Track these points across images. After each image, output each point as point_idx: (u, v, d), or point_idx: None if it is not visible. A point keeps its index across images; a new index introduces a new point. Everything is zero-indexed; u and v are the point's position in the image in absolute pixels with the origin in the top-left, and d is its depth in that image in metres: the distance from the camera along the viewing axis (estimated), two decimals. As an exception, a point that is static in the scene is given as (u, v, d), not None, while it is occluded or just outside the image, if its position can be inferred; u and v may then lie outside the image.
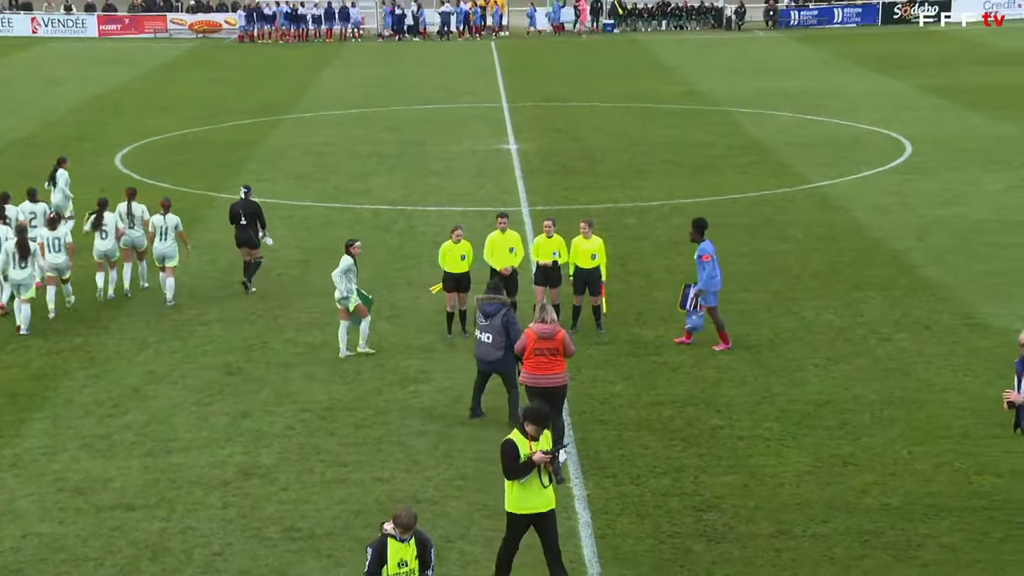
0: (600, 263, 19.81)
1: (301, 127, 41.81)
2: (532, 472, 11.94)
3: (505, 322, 15.97)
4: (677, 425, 16.28)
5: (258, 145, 38.12)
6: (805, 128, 39.59)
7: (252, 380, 18.27)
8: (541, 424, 12.03)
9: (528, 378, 15.03)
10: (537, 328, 15.01)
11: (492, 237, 20.13)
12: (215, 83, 52.28)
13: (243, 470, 15.12)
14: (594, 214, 27.24)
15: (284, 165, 34.93)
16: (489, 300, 16.22)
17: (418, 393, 17.60)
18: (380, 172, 33.87)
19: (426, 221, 28.13)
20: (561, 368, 15.00)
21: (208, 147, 37.26)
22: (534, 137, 38.90)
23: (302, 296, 22.51)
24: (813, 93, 46.42)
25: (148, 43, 67.79)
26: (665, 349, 19.28)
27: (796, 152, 35.53)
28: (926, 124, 39.51)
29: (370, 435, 16.12)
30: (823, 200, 29.51)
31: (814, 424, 16.26)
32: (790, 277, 23.20)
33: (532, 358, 14.92)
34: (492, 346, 16.03)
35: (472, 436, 15.95)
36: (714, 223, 27.37)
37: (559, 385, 15.01)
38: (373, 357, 19.09)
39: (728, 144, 37.01)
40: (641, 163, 34.49)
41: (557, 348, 14.90)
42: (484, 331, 16.09)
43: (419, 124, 41.97)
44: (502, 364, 16.03)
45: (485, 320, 16.07)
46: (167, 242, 21.89)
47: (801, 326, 20.34)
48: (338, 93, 49.31)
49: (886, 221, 27.35)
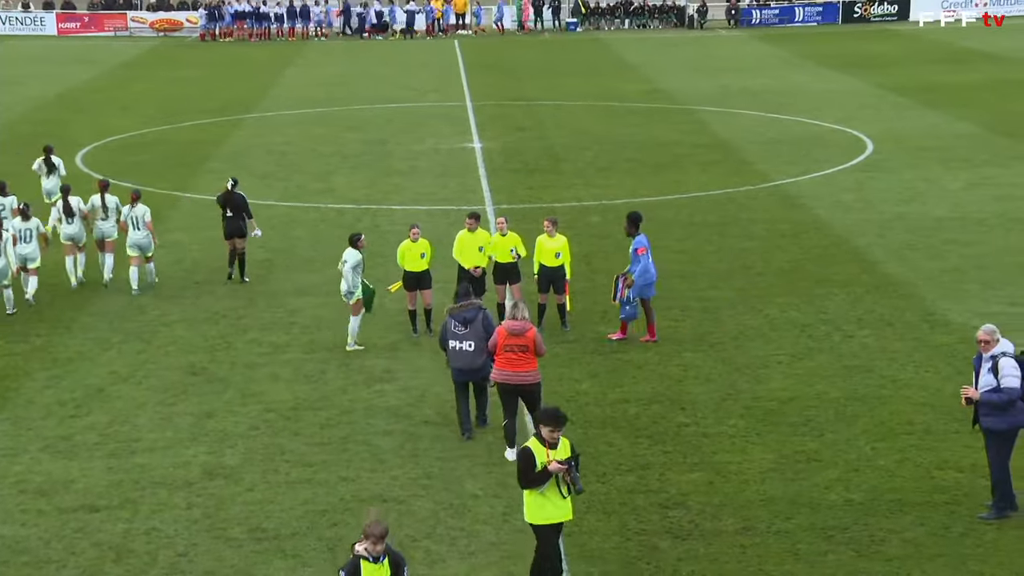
0: (564, 261, 19.85)
1: (263, 126, 41.64)
2: (550, 481, 11.34)
3: (485, 324, 15.43)
4: (642, 423, 16.33)
5: (220, 144, 37.93)
6: (768, 126, 39.80)
7: (216, 380, 18.19)
8: (556, 425, 11.31)
9: (499, 375, 15.02)
10: (508, 325, 14.99)
11: (461, 235, 20.15)
12: (176, 82, 51.97)
13: (207, 470, 15.06)
14: (558, 213, 27.29)
15: (246, 164, 34.76)
16: (464, 307, 15.63)
17: (383, 392, 17.58)
18: (343, 171, 33.79)
19: (390, 220, 28.09)
20: (532, 366, 14.96)
21: (169, 146, 37.05)
22: (498, 136, 38.91)
23: (266, 296, 22.43)
24: (776, 92, 46.67)
25: (108, 41, 67.32)
26: (630, 347, 19.35)
27: (759, 150, 35.71)
28: (886, 122, 39.81)
29: (335, 435, 16.09)
30: (786, 198, 29.68)
31: (778, 421, 16.36)
32: (754, 274, 23.32)
33: (502, 355, 14.94)
34: (475, 353, 15.39)
35: (437, 435, 15.95)
36: (679, 221, 27.72)
37: (530, 383, 14.97)
38: (338, 356, 19.06)
39: (692, 142, 37.15)
40: (605, 161, 34.57)
41: (527, 345, 14.88)
42: (464, 339, 15.42)
43: (382, 123, 41.89)
44: (483, 371, 15.46)
45: (464, 327, 15.44)
46: (140, 232, 22.47)
47: (765, 323, 20.45)
48: (300, 92, 49.13)
49: (848, 218, 27.54)
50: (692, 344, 19.49)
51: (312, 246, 25.91)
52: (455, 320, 15.54)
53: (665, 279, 23.14)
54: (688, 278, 23.14)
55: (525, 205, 28.97)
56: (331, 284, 23.09)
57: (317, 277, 23.57)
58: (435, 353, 19.08)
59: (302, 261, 24.79)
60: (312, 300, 22.12)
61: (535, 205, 29.05)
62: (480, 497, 14.22)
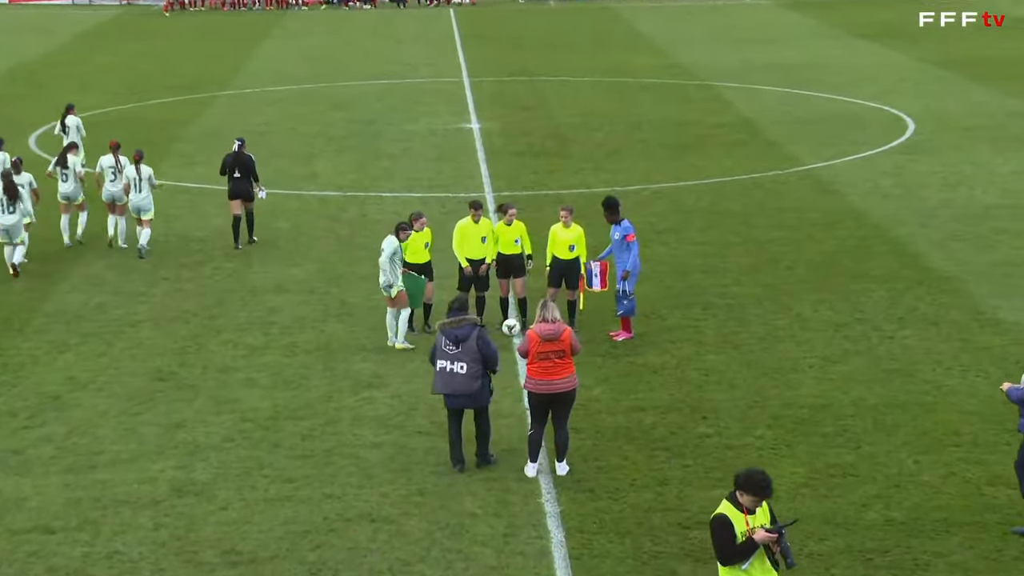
0: (579, 254, 19.87)
1: (238, 105, 41.59)
2: (755, 554, 10.27)
3: (480, 344, 14.89)
4: (660, 433, 16.29)
5: (190, 124, 37.89)
6: (797, 104, 39.75)
7: (186, 386, 18.16)
8: (763, 494, 10.20)
9: (533, 384, 14.89)
10: (541, 329, 14.83)
11: (463, 225, 20.13)
12: (142, 55, 51.94)
13: (176, 487, 15.01)
14: (566, 200, 27.25)
15: (219, 147, 34.66)
16: (458, 323, 14.98)
17: (372, 400, 17.54)
18: (327, 154, 33.76)
19: (379, 208, 28.06)
20: (570, 371, 14.92)
21: (135, 126, 37.01)
22: (498, 115, 38.86)
23: (242, 293, 22.41)
24: (805, 65, 46.64)
25: (66, 10, 67.31)
26: (646, 349, 19.30)
27: (788, 130, 35.65)
28: (929, 99, 39.76)
29: (319, 447, 16.05)
30: (818, 183, 29.63)
31: (810, 431, 16.31)
32: (783, 269, 23.28)
33: (536, 363, 14.84)
34: (469, 376, 14.82)
35: (431, 447, 15.90)
36: (699, 209, 27.69)
37: (568, 390, 14.93)
38: (322, 360, 19.02)
39: (713, 122, 37.10)
40: (617, 143, 34.52)
41: (564, 350, 14.83)
42: (456, 360, 14.85)
43: (370, 101, 41.86)
44: (480, 397, 14.98)
45: (456, 346, 14.87)
46: (142, 194, 24.02)
47: (796, 323, 20.41)
48: (279, 67, 49.10)
49: (887, 206, 27.49)
50: (715, 346, 19.44)
51: (293, 237, 25.88)
52: (446, 337, 14.94)
53: (685, 274, 23.09)
54: (710, 273, 23.10)
55: (528, 192, 28.92)
56: (314, 280, 23.05)
57: (299, 272, 23.54)
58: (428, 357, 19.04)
59: (282, 254, 24.76)
60: (293, 297, 22.09)
61: (539, 192, 29.00)
62: (479, 516, 14.18)
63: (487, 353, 14.90)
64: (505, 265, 20.10)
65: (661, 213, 27.32)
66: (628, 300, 19.63)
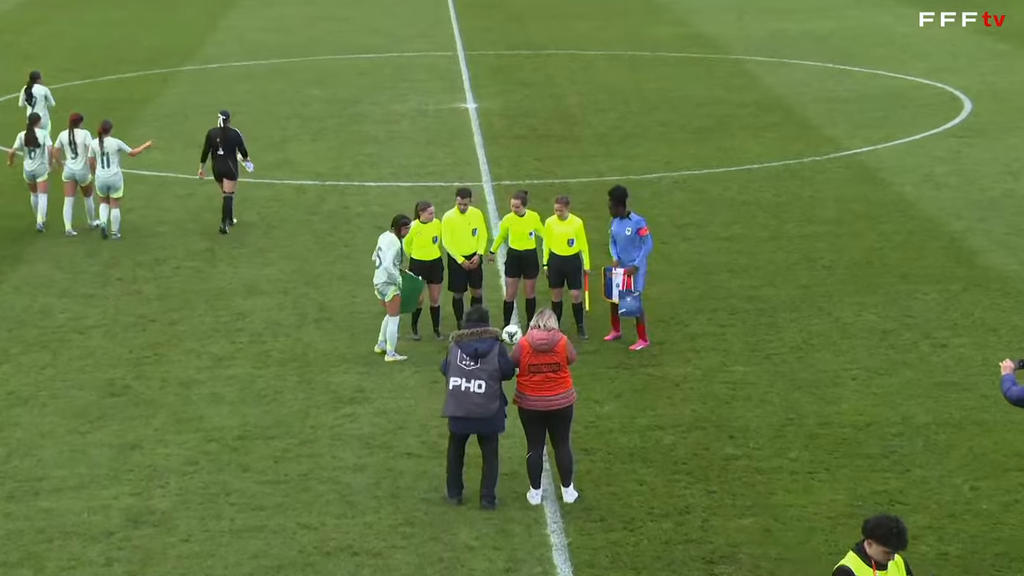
0: (579, 249, 19.89)
1: (203, 81, 41.60)
2: None
3: (501, 362, 14.72)
4: (680, 455, 16.29)
5: (147, 104, 37.90)
6: (837, 80, 39.75)
7: (143, 402, 18.16)
8: (896, 545, 9.80)
9: (525, 400, 14.87)
10: (533, 338, 14.78)
11: (450, 218, 20.20)
12: (93, 25, 51.95)
13: (132, 516, 15.01)
14: (574, 190, 27.26)
15: (181, 129, 34.72)
16: (477, 335, 14.76)
17: (354, 417, 17.55)
18: (303, 138, 33.75)
19: (363, 200, 28.06)
20: (566, 385, 14.88)
21: (85, 106, 36.88)
22: (498, 94, 38.85)
23: (206, 295, 22.41)
24: (846, 36, 46.64)
25: (7, -25, 67.35)
26: (665, 360, 19.31)
27: (826, 111, 35.64)
28: (988, 75, 39.75)
29: (294, 470, 16.05)
30: (862, 171, 29.63)
31: (852, 453, 16.31)
32: (821, 268, 23.28)
33: (527, 376, 14.81)
34: (487, 396, 14.65)
35: (421, 471, 15.90)
36: (725, 200, 27.69)
37: (564, 407, 14.91)
38: (297, 372, 19.03)
39: (741, 101, 37.09)
40: (632, 126, 34.51)
41: (559, 362, 14.81)
42: (473, 377, 14.63)
43: (352, 78, 41.86)
44: (495, 422, 14.80)
45: (474, 362, 14.65)
46: (111, 169, 24.56)
47: (835, 329, 20.40)
48: (249, 38, 49.12)
49: (940, 197, 27.49)
50: (743, 355, 19.45)
51: (265, 232, 25.89)
52: (462, 351, 14.75)
53: (709, 274, 23.10)
54: (738, 272, 23.10)
55: (532, 181, 28.92)
56: (288, 280, 23.06)
57: (272, 271, 23.55)
58: (421, 365, 19.03)
59: (252, 251, 24.77)
60: (265, 300, 22.10)
61: (544, 181, 29.01)
62: (476, 549, 14.18)
63: (507, 370, 14.80)
64: (517, 262, 20.13)
65: (682, 205, 27.33)
66: (633, 297, 19.66)
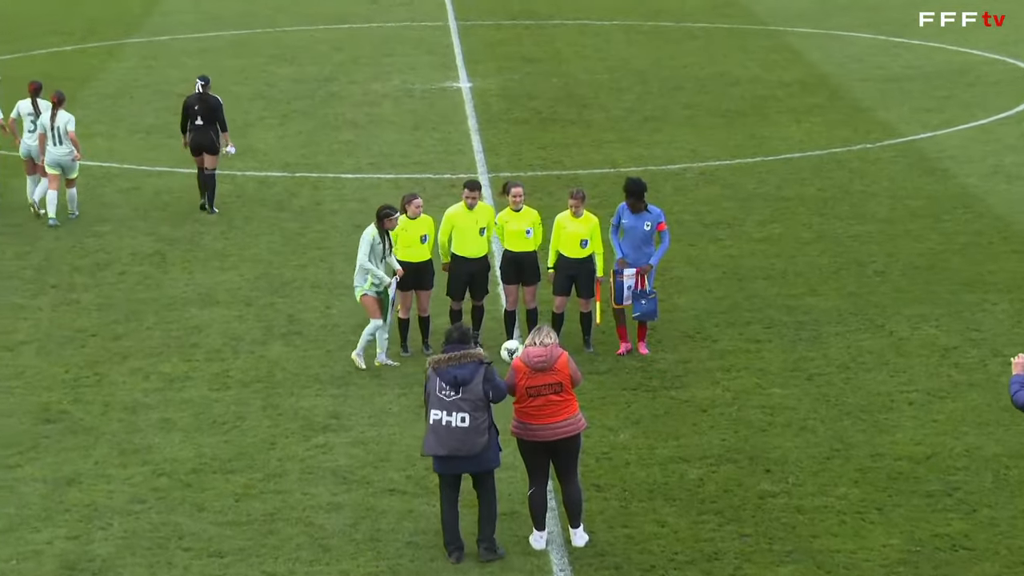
0: (594, 251, 19.91)
1: (151, 56, 41.59)
2: None
3: (489, 388, 14.54)
4: (709, 492, 16.29)
5: (88, 82, 37.88)
6: (892, 55, 39.76)
7: (82, 430, 18.15)
8: None
9: (523, 430, 14.77)
10: (529, 355, 14.73)
11: (454, 213, 20.18)
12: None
13: (68, 564, 15.01)
14: (585, 183, 27.25)
15: (126, 112, 34.71)
16: (459, 359, 14.58)
17: (328, 447, 17.54)
18: (269, 123, 33.74)
19: (338, 194, 28.05)
20: (572, 410, 14.81)
21: (11, 86, 36.97)
22: (496, 71, 38.84)
23: (156, 305, 22.40)
24: (902, 4, 46.60)
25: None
26: (691, 380, 19.30)
27: (880, 90, 35.63)
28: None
29: (257, 510, 16.05)
30: (920, 160, 29.63)
31: (909, 490, 16.29)
32: (873, 274, 23.28)
33: (526, 401, 14.73)
34: (472, 431, 14.44)
35: (406, 510, 15.90)
36: (762, 195, 27.67)
37: (570, 435, 14.83)
38: (262, 395, 19.01)
39: (780, 79, 37.09)
40: (652, 108, 34.50)
41: (561, 382, 14.79)
42: (455, 409, 14.48)
43: (326, 52, 41.85)
44: (485, 458, 14.62)
45: (455, 392, 14.50)
46: (62, 147, 25.42)
47: (889, 345, 20.40)
48: (205, 7, 49.10)
49: (1012, 191, 27.49)
50: (781, 375, 19.45)
51: (224, 233, 25.88)
52: (441, 379, 14.59)
53: (742, 280, 23.10)
54: (775, 279, 23.10)
55: (535, 172, 28.93)
56: (252, 288, 23.05)
57: (232, 277, 23.54)
58: (406, 387, 19.04)
59: (209, 254, 24.76)
60: (224, 312, 22.09)
61: (550, 173, 29.00)
62: (470, 602, 14.19)
63: (495, 392, 14.58)
64: (514, 265, 20.13)
65: (711, 200, 27.32)
66: (648, 299, 19.66)
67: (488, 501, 14.86)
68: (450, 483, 14.83)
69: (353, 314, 20.91)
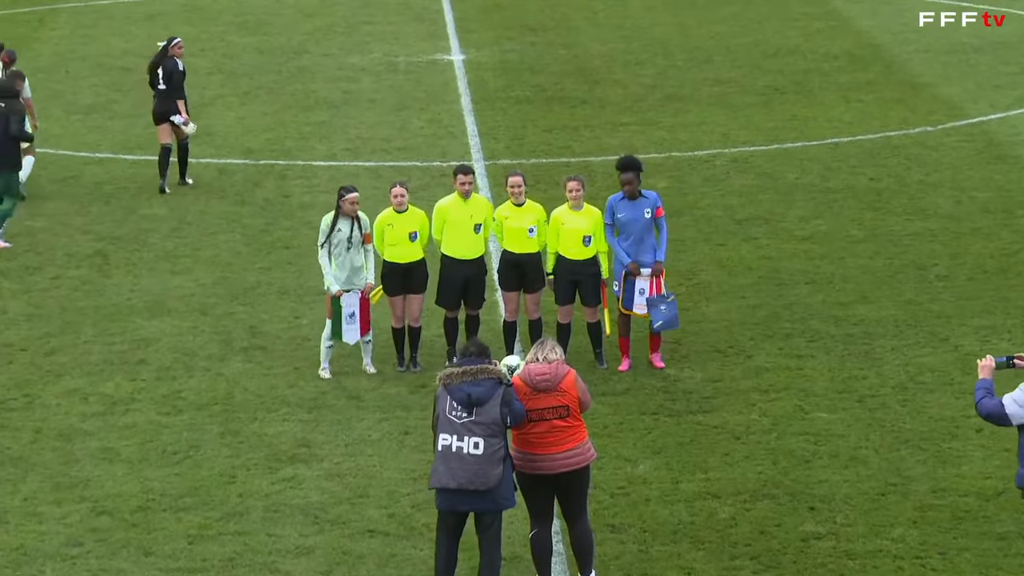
0: (597, 250, 19.94)
1: (89, 24, 41.55)
2: None
3: (508, 412, 14.42)
4: (743, 533, 16.28)
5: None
6: (956, 22, 39.71)
7: (8, 461, 18.14)
8: None
9: (524, 460, 14.69)
10: (532, 374, 14.65)
11: (445, 205, 20.18)
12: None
13: (-6, 616, 15.02)
14: (597, 172, 27.23)
15: (61, 89, 34.67)
16: (474, 375, 14.48)
17: (297, 481, 17.53)
18: (229, 101, 33.71)
19: (309, 184, 28.04)
20: (580, 437, 14.75)
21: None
22: (493, 41, 38.83)
23: (96, 315, 22.39)
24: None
25: None
26: (722, 403, 19.29)
27: (942, 64, 35.61)
28: None
29: (215, 554, 16.04)
30: (991, 145, 29.63)
31: (977, 531, 16.28)
32: (934, 279, 23.27)
33: (527, 426, 14.61)
34: (486, 460, 14.29)
35: (388, 554, 15.89)
36: (804, 186, 27.64)
37: (577, 468, 14.77)
38: (220, 419, 19.01)
39: (826, 51, 37.07)
40: (676, 85, 34.49)
41: (567, 405, 14.73)
42: (467, 433, 14.34)
43: (295, 20, 41.83)
44: (499, 496, 14.43)
45: (467, 413, 14.38)
46: None
47: (954, 361, 20.38)
48: (155, -35, 49.08)
49: (1097, 182, 27.53)
50: (828, 397, 19.43)
51: (175, 230, 25.87)
52: (452, 398, 14.49)
53: (781, 286, 23.09)
54: (820, 284, 23.08)
55: (539, 160, 28.92)
56: (208, 295, 23.03)
57: (185, 282, 23.52)
58: (386, 413, 19.04)
59: (158, 255, 24.74)
60: (175, 323, 22.08)
61: (556, 160, 29.00)
62: (464, 662, 14.19)
63: (513, 417, 14.46)
64: (515, 269, 20.11)
65: (744, 192, 27.31)
66: (668, 304, 19.65)
67: (492, 546, 14.68)
68: (452, 524, 14.66)
69: (320, 324, 20.89)
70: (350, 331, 19.89)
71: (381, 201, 22.20)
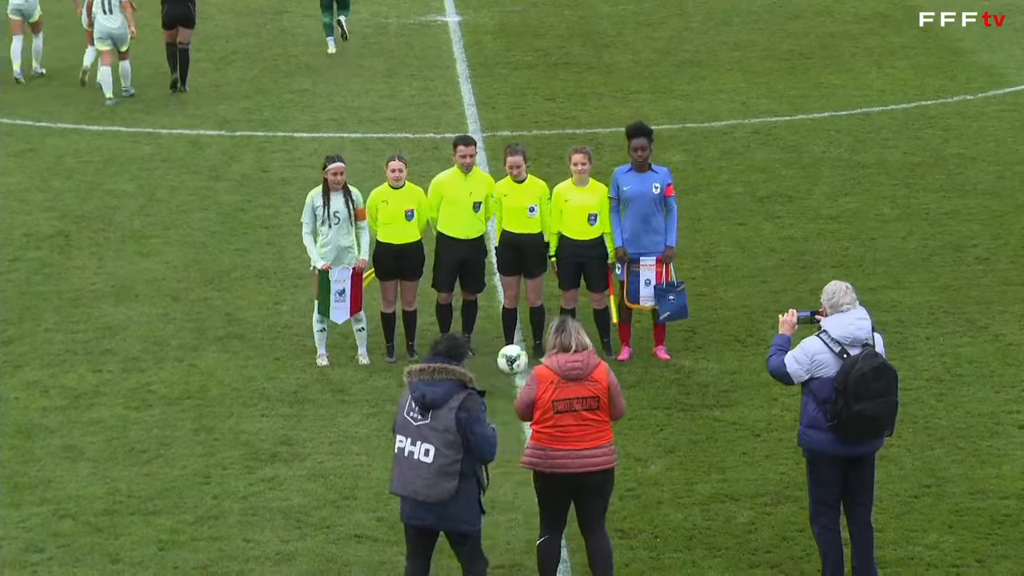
0: (603, 231, 20.00)
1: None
2: None
3: (462, 419, 14.10)
4: (763, 539, 16.32)
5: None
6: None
7: (-37, 459, 18.20)
8: None
9: (542, 457, 14.65)
10: (559, 363, 14.63)
11: (443, 180, 20.25)
12: None
13: (-53, 629, 15.08)
14: (605, 145, 27.25)
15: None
16: (430, 373, 14.32)
17: (278, 481, 17.57)
18: (203, 67, 33.68)
19: (290, 158, 28.06)
20: (607, 437, 14.72)
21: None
22: (491, 1, 38.77)
23: (57, 300, 22.41)
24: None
25: None
26: (740, 397, 19.32)
27: (983, 28, 35.60)
28: None
29: (188, 561, 16.09)
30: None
31: (1018, 537, 16.31)
32: (973, 261, 23.29)
33: (551, 420, 14.70)
34: (437, 470, 14.10)
35: (377, 561, 15.93)
36: (831, 160, 27.65)
37: (601, 469, 14.73)
38: (193, 414, 19.04)
39: (855, 11, 37.06)
40: (692, 50, 34.48)
41: (598, 396, 14.69)
42: (419, 438, 14.17)
43: (275, -24, 41.84)
44: (455, 513, 14.18)
45: (422, 416, 14.20)
46: (114, 17, 29.16)
47: (995, 351, 20.43)
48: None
49: None
50: (857, 391, 19.46)
51: (143, 207, 25.89)
52: (411, 396, 14.36)
53: (806, 268, 23.12)
54: (849, 268, 23.11)
55: (542, 131, 28.93)
56: (180, 278, 23.05)
57: (155, 265, 23.55)
58: (374, 407, 19.08)
59: (125, 235, 24.76)
60: (144, 308, 22.10)
61: (561, 132, 29.01)
62: None
63: (476, 440, 14.16)
64: (515, 251, 20.17)
65: (766, 167, 27.32)
66: (676, 294, 19.72)
67: (471, 562, 14.49)
68: (415, 539, 14.52)
69: (309, 312, 20.92)
70: (339, 309, 19.91)
71: (368, 177, 22.28)
